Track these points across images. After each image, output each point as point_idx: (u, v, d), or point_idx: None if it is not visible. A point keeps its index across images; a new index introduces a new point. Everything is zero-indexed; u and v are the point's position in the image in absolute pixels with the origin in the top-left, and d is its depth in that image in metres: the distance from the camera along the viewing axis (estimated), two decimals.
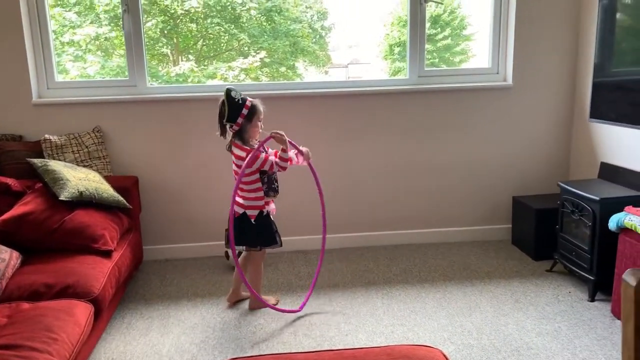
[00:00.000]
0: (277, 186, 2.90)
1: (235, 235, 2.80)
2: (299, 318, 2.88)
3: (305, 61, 5.12)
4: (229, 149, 2.85)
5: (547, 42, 3.72)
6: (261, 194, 2.82)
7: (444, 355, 1.83)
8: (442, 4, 3.96)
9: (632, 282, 0.76)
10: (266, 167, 2.75)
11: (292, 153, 2.86)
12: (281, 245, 2.93)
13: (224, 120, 2.76)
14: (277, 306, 2.93)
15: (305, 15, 5.01)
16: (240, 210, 2.83)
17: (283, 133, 2.76)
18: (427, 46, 3.83)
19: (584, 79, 3.65)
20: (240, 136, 2.79)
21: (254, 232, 2.85)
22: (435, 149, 3.82)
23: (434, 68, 3.92)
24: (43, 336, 2.04)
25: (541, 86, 3.78)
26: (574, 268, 3.15)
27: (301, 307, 2.94)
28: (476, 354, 2.52)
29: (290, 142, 2.81)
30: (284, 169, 2.80)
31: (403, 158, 3.82)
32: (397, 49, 4.82)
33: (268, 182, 2.84)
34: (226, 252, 3.51)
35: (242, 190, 2.83)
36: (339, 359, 1.80)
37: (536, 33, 3.70)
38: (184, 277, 3.43)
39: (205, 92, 3.65)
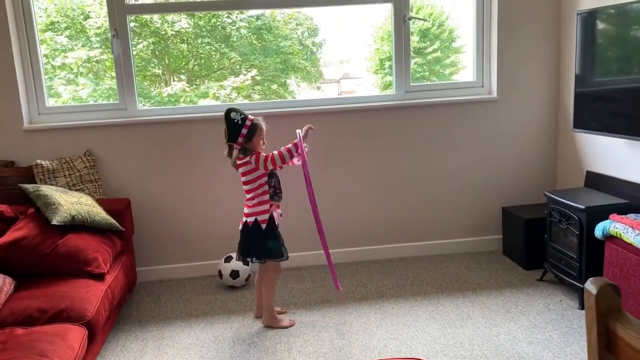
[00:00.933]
0: (281, 192, 2.94)
1: (243, 247, 2.88)
2: (292, 335, 2.90)
3: (297, 77, 5.18)
4: (234, 165, 2.89)
5: (530, 54, 3.79)
6: (267, 197, 2.85)
7: None
8: (426, 21, 4.03)
9: (593, 290, 0.79)
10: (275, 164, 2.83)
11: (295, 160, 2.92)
12: (287, 259, 2.96)
13: (226, 141, 2.84)
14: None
15: (296, 32, 5.08)
16: (252, 219, 2.86)
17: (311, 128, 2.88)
18: (417, 59, 3.90)
19: (567, 90, 3.72)
20: (244, 153, 2.84)
21: (260, 244, 2.88)
22: (425, 163, 3.87)
23: (420, 83, 3.99)
24: None
25: (526, 98, 3.85)
26: (563, 276, 3.18)
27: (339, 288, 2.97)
28: None
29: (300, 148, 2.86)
30: (284, 162, 2.85)
31: (393, 172, 3.86)
32: (387, 63, 4.90)
33: (274, 187, 2.89)
34: (219, 271, 3.53)
35: (248, 199, 2.88)
36: None
37: (519, 46, 3.77)
38: (178, 298, 3.45)
39: (195, 113, 3.70)
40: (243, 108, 3.65)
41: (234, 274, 3.45)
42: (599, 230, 2.82)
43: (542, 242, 3.41)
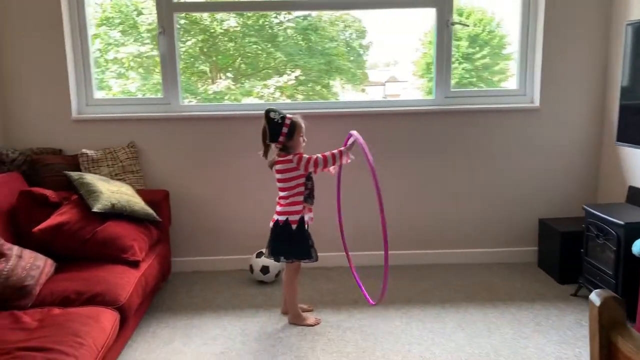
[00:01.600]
0: (314, 196, 2.98)
1: (272, 244, 2.93)
2: (317, 333, 2.93)
3: (342, 79, 5.20)
4: (272, 167, 2.95)
5: (576, 64, 3.71)
6: (301, 198, 2.89)
7: None
8: (468, 26, 3.99)
9: (597, 302, 0.79)
10: (315, 168, 2.87)
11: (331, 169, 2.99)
12: (316, 260, 2.99)
13: (267, 140, 2.88)
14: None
15: (344, 34, 5.10)
16: (283, 218, 2.90)
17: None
18: (465, 65, 3.87)
19: (613, 102, 3.62)
20: (286, 151, 2.90)
21: (289, 244, 2.93)
22: (462, 170, 3.84)
23: (461, 89, 3.95)
24: (70, 340, 2.15)
25: (569, 108, 3.76)
26: None
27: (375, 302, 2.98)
28: None
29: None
30: (326, 167, 2.90)
31: (429, 178, 3.84)
32: (433, 69, 4.87)
33: (310, 189, 2.94)
34: (250, 266, 3.59)
35: (284, 198, 2.92)
36: None
37: (564, 55, 3.69)
38: (210, 289, 3.53)
39: (234, 110, 3.79)
40: (285, 107, 3.73)
41: (265, 269, 3.51)
42: (637, 246, 2.73)
43: (578, 256, 3.33)
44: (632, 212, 3.11)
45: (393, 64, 5.12)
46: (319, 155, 2.87)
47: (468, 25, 3.98)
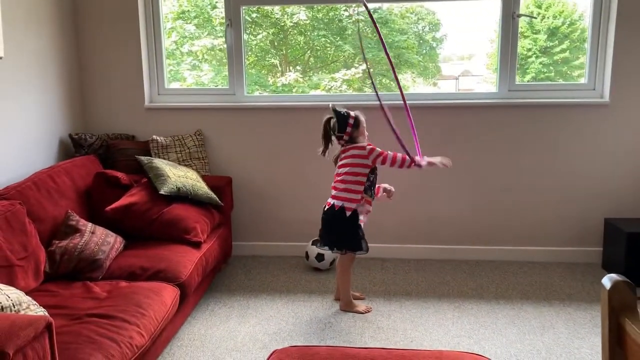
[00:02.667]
0: (374, 191, 3.05)
1: (324, 234, 3.03)
2: (368, 321, 2.99)
3: (413, 73, 5.17)
4: (336, 161, 3.09)
5: None
6: (361, 188, 2.97)
7: None
8: (535, 18, 3.88)
9: (607, 285, 0.80)
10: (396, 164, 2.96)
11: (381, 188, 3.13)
12: (367, 252, 3.05)
13: (336, 132, 3.02)
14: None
15: (416, 27, 5.06)
16: (339, 203, 2.98)
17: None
18: (543, 59, 3.77)
19: None
20: (352, 142, 3.03)
21: (340, 234, 3.01)
22: (524, 166, 3.75)
23: (526, 83, 3.85)
24: (134, 310, 2.32)
25: None
26: None
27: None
28: None
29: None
30: (393, 165, 2.97)
31: (491, 173, 3.79)
32: None
33: (372, 182, 3.01)
34: (306, 253, 3.69)
35: (344, 182, 3.00)
36: (388, 357, 1.90)
37: (637, 49, 3.52)
38: (267, 273, 3.66)
39: (296, 101, 3.89)
40: (349, 99, 3.82)
41: (320, 256, 3.60)
42: None
43: None
44: None
45: (467, 58, 5.03)
46: (390, 152, 2.94)
47: (535, 18, 3.87)
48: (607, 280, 0.82)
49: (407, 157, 2.94)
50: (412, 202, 3.83)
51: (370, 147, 2.98)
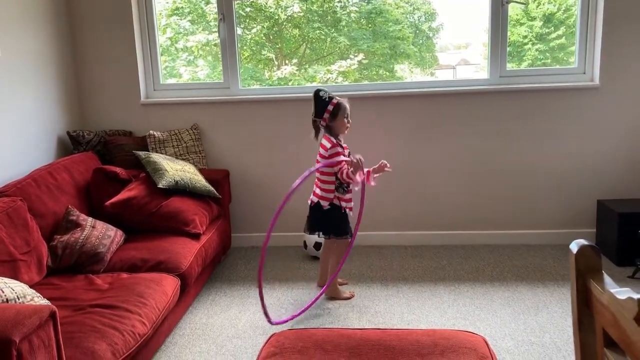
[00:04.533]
0: (347, 186, 3.08)
1: (312, 221, 3.09)
2: (365, 306, 3.05)
3: (410, 63, 5.19)
4: (319, 140, 3.12)
5: (637, 41, 3.57)
6: (332, 187, 3.03)
7: (486, 342, 1.92)
8: (525, 4, 3.92)
9: (574, 250, 0.86)
10: (339, 173, 2.97)
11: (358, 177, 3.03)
12: (350, 237, 3.12)
13: (313, 116, 3.05)
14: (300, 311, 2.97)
15: (413, 17, 5.07)
16: (315, 199, 3.06)
17: (361, 160, 2.90)
18: (539, 45, 3.81)
19: None
20: (330, 132, 3.05)
21: (328, 221, 3.07)
22: (517, 151, 3.80)
23: (517, 69, 3.90)
24: (135, 300, 2.39)
25: (630, 86, 3.63)
26: None
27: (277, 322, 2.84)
28: (535, 350, 2.55)
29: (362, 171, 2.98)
30: (347, 183, 3.00)
31: (484, 158, 3.84)
32: (507, 49, 4.79)
33: (339, 182, 3.05)
34: (304, 242, 3.75)
35: (319, 180, 3.07)
36: (383, 336, 1.95)
37: (626, 30, 3.56)
38: (266, 263, 3.72)
39: (290, 93, 3.93)
40: (342, 89, 3.85)
41: (317, 245, 3.66)
42: None
43: (637, 237, 3.25)
44: None
45: (464, 47, 5.05)
46: (346, 170, 2.91)
47: (525, 4, 3.91)
48: (574, 245, 0.87)
49: (357, 177, 2.93)
50: (407, 190, 3.88)
51: (334, 150, 2.96)
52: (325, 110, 3.00)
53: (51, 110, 3.61)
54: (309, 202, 3.12)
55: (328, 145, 2.99)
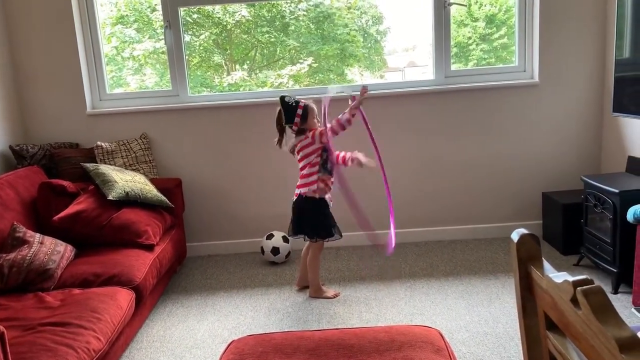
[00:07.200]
0: (330, 167, 3.10)
1: (295, 224, 3.11)
2: (323, 307, 3.07)
3: (360, 66, 5.25)
4: (293, 151, 3.13)
5: (574, 38, 3.75)
6: (315, 169, 3.05)
7: (441, 335, 1.97)
8: (465, 6, 4.04)
9: (515, 239, 0.90)
10: (322, 139, 3.01)
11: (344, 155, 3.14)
12: (341, 237, 3.16)
13: (284, 123, 3.07)
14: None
15: (360, 21, 5.13)
16: (298, 191, 3.09)
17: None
18: (483, 46, 3.92)
19: (612, 74, 3.65)
20: (302, 133, 3.08)
21: (312, 223, 3.09)
22: (465, 148, 3.92)
23: (461, 69, 4.02)
24: (89, 316, 2.33)
25: (569, 82, 3.81)
26: (598, 261, 3.17)
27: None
28: (489, 340, 2.63)
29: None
30: (342, 127, 3.02)
31: (432, 157, 3.93)
32: (454, 50, 4.91)
33: (324, 159, 3.08)
34: (261, 248, 3.74)
35: (301, 170, 3.10)
36: (341, 336, 1.98)
37: (562, 29, 3.74)
38: (223, 271, 3.70)
39: (240, 99, 3.92)
40: (295, 93, 3.86)
41: (275, 250, 3.66)
42: (630, 214, 2.79)
43: (580, 227, 3.40)
44: (628, 180, 3.16)
45: (412, 49, 5.14)
46: (329, 124, 2.99)
47: (465, 5, 4.04)
48: (515, 235, 0.92)
49: (341, 115, 3.01)
50: (355, 190, 3.90)
51: (312, 131, 3.04)
52: (295, 115, 3.04)
53: None
54: (293, 199, 3.12)
55: (306, 134, 3.04)
